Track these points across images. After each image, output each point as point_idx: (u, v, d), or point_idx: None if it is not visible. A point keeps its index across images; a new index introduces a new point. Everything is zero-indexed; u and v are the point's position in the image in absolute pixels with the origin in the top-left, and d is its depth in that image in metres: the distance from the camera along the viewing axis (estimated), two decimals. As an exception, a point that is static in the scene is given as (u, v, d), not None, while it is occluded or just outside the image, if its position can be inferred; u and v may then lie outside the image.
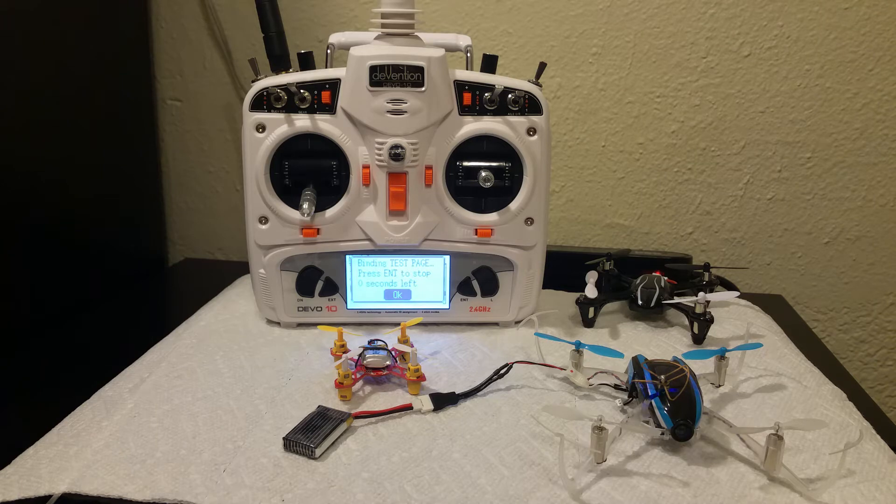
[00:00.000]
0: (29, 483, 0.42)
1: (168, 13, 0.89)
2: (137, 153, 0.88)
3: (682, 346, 0.63)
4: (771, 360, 0.60)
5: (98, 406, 0.51)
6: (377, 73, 0.57)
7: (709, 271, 0.73)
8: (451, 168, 0.61)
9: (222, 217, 0.96)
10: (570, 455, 0.46)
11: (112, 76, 0.81)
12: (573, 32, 0.84)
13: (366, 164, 0.60)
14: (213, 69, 0.91)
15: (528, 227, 0.63)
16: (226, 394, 0.53)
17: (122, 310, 0.75)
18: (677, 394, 0.46)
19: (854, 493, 0.42)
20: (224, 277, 0.78)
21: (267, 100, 0.59)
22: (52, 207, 0.71)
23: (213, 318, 0.67)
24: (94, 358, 0.63)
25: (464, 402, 0.52)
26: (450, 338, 0.64)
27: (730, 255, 0.90)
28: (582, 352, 0.56)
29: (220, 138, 0.93)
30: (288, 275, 0.63)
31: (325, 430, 0.46)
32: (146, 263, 0.91)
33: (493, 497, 0.42)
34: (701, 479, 0.44)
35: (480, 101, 0.60)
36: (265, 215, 0.61)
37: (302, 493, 0.42)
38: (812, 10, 0.81)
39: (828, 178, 0.86)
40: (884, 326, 0.91)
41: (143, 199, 0.90)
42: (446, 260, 0.64)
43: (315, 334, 0.63)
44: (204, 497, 0.41)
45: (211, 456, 0.45)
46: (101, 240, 0.80)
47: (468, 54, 0.65)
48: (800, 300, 0.90)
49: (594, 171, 0.89)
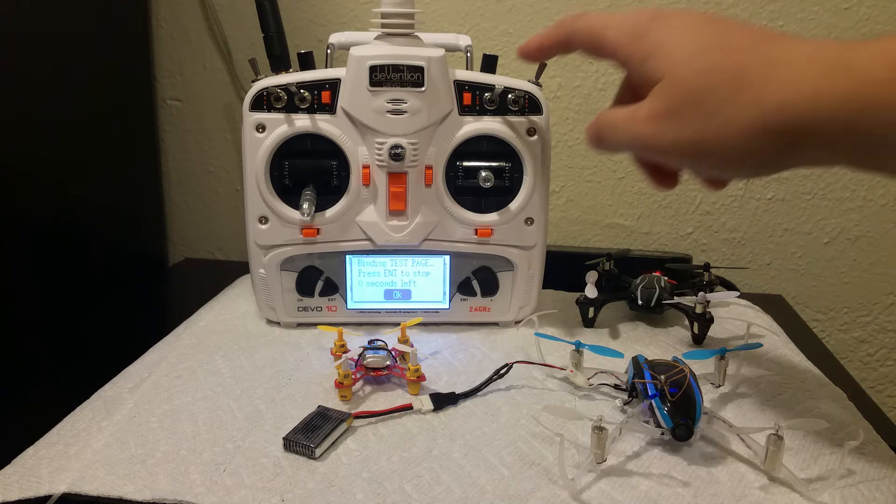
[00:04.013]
0: (29, 483, 0.42)
1: (168, 13, 0.89)
2: (137, 153, 0.88)
3: (682, 346, 0.63)
4: (771, 360, 0.60)
5: (98, 406, 0.51)
6: (377, 73, 0.57)
7: (709, 271, 0.73)
8: (451, 168, 0.61)
9: (222, 217, 0.96)
10: (570, 455, 0.45)
11: (112, 76, 0.81)
12: (573, 32, 0.84)
13: (366, 164, 0.60)
14: (213, 69, 0.91)
15: (528, 227, 0.63)
16: (226, 394, 0.53)
17: (122, 310, 0.75)
18: (677, 394, 0.46)
19: (854, 493, 0.42)
20: (224, 277, 0.78)
21: (267, 100, 0.59)
22: (52, 207, 0.71)
23: (213, 318, 0.67)
24: (94, 358, 0.63)
25: (464, 402, 0.52)
26: (450, 338, 0.64)
27: (730, 255, 0.90)
28: (582, 352, 0.56)
29: (220, 138, 0.93)
30: (288, 275, 0.63)
31: (325, 430, 0.46)
32: (146, 263, 0.91)
33: (493, 497, 0.42)
34: (701, 479, 0.44)
35: (480, 101, 0.60)
36: (265, 215, 0.61)
37: (302, 493, 0.42)
38: (812, 10, 0.81)
39: (828, 178, 0.86)
40: (884, 326, 0.91)
41: (143, 199, 0.90)
42: (446, 260, 0.64)
43: (315, 334, 0.63)
44: (204, 497, 0.41)
45: (211, 456, 0.45)
46: (101, 240, 0.80)
47: (468, 54, 0.65)
48: (800, 300, 0.90)
49: (594, 171, 0.89)
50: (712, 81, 0.40)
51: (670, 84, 0.42)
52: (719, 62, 0.40)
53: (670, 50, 0.42)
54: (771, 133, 0.38)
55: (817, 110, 0.36)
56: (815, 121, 0.37)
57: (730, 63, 0.40)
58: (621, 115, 0.45)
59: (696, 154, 0.41)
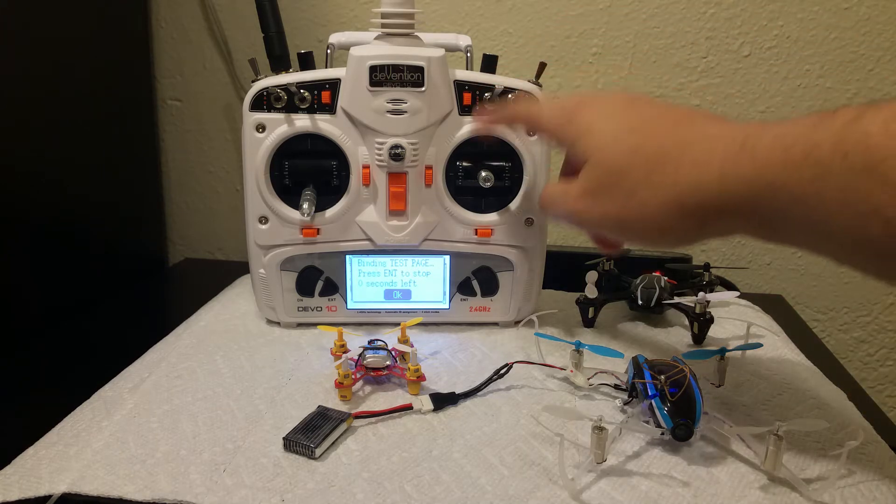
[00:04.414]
0: (29, 483, 0.42)
1: (168, 13, 0.89)
2: (137, 153, 0.88)
3: (682, 346, 0.63)
4: (771, 360, 0.60)
5: (98, 406, 0.51)
6: (377, 73, 0.57)
7: (709, 271, 0.73)
8: (451, 168, 0.61)
9: (222, 217, 0.96)
10: (570, 455, 0.45)
11: (112, 76, 0.81)
12: (573, 32, 0.84)
13: (366, 164, 0.60)
14: (213, 69, 0.91)
15: (528, 227, 0.63)
16: (226, 394, 0.53)
17: (122, 310, 0.75)
18: (677, 394, 0.46)
19: (854, 493, 0.42)
20: (224, 277, 0.78)
21: (267, 100, 0.59)
22: (52, 207, 0.71)
23: (213, 318, 0.67)
24: (94, 358, 0.63)
25: (464, 402, 0.52)
26: (450, 338, 0.64)
27: (730, 255, 0.90)
28: (582, 352, 0.56)
29: (220, 138, 0.93)
30: (288, 275, 0.63)
31: (325, 430, 0.46)
32: (146, 263, 0.91)
33: (493, 497, 0.42)
34: (701, 479, 0.44)
35: (480, 101, 0.60)
36: (265, 215, 0.61)
37: (302, 493, 0.42)
38: (812, 10, 0.81)
39: (828, 178, 0.86)
40: (884, 326, 0.91)
41: (143, 199, 0.90)
42: (446, 260, 0.64)
43: (315, 334, 0.63)
44: (204, 497, 0.41)
45: (211, 456, 0.45)
46: (101, 240, 0.80)
47: (468, 54, 0.65)
48: (800, 300, 0.90)
49: (594, 171, 0.88)
50: (631, 163, 0.43)
51: (595, 165, 0.46)
52: (638, 144, 0.43)
53: (595, 133, 0.46)
54: (686, 211, 0.41)
55: (724, 191, 0.39)
56: (724, 200, 0.39)
57: (648, 145, 0.43)
58: (559, 191, 0.50)
59: (622, 228, 0.46)
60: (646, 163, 0.42)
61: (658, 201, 0.42)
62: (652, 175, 0.42)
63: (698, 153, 0.41)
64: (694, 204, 0.41)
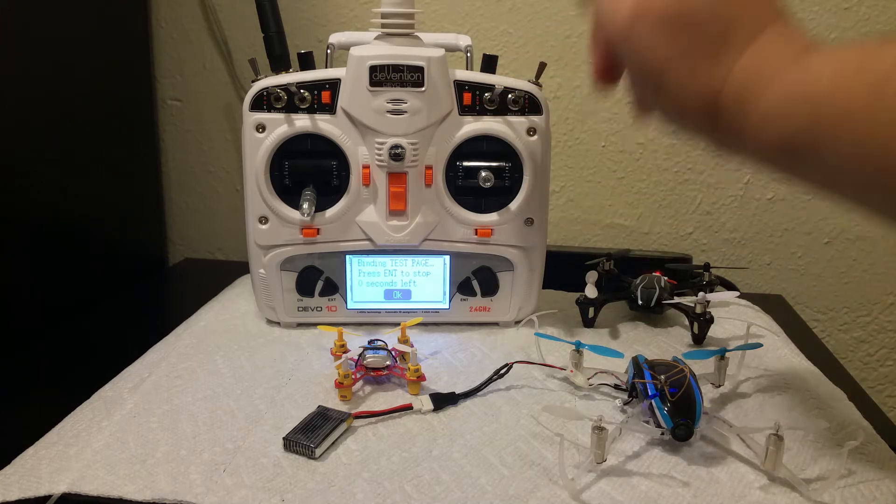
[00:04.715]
0: (29, 483, 0.42)
1: (168, 13, 0.89)
2: (137, 153, 0.88)
3: (682, 346, 0.63)
4: (771, 360, 0.60)
5: (98, 406, 0.51)
6: (377, 73, 0.57)
7: (709, 271, 0.73)
8: (451, 168, 0.61)
9: (222, 217, 0.96)
10: (570, 455, 0.45)
11: (112, 76, 0.81)
12: (573, 32, 0.84)
13: (366, 164, 0.60)
14: (213, 69, 0.91)
15: (528, 228, 0.63)
16: (226, 394, 0.53)
17: (122, 310, 0.75)
18: (677, 394, 0.46)
19: (854, 493, 0.42)
20: (224, 277, 0.78)
21: (267, 100, 0.59)
22: (52, 207, 0.71)
23: (213, 318, 0.67)
24: (94, 358, 0.63)
25: (464, 402, 0.52)
26: (450, 338, 0.64)
27: (730, 255, 0.90)
28: (582, 352, 0.56)
29: (220, 138, 0.93)
30: (288, 275, 0.63)
31: (325, 430, 0.46)
32: (146, 263, 0.91)
33: (493, 497, 0.42)
34: (701, 479, 0.44)
35: (480, 101, 0.60)
36: (265, 215, 0.61)
37: (302, 493, 0.42)
38: (812, 10, 0.81)
39: (828, 178, 0.86)
40: (884, 326, 0.91)
41: (143, 199, 0.90)
42: (446, 260, 0.64)
43: (315, 334, 0.63)
44: (204, 497, 0.41)
45: (211, 456, 0.45)
46: (101, 240, 0.80)
47: (468, 54, 0.65)
48: (800, 300, 0.90)
49: (594, 171, 0.89)
50: (729, 13, 0.39)
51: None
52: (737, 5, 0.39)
53: None
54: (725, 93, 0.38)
55: (761, 86, 0.37)
56: (756, 93, 0.37)
57: (737, 11, 0.39)
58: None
59: (660, 74, 0.41)
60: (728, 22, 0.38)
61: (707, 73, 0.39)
62: (725, 38, 0.38)
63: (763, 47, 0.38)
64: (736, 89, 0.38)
